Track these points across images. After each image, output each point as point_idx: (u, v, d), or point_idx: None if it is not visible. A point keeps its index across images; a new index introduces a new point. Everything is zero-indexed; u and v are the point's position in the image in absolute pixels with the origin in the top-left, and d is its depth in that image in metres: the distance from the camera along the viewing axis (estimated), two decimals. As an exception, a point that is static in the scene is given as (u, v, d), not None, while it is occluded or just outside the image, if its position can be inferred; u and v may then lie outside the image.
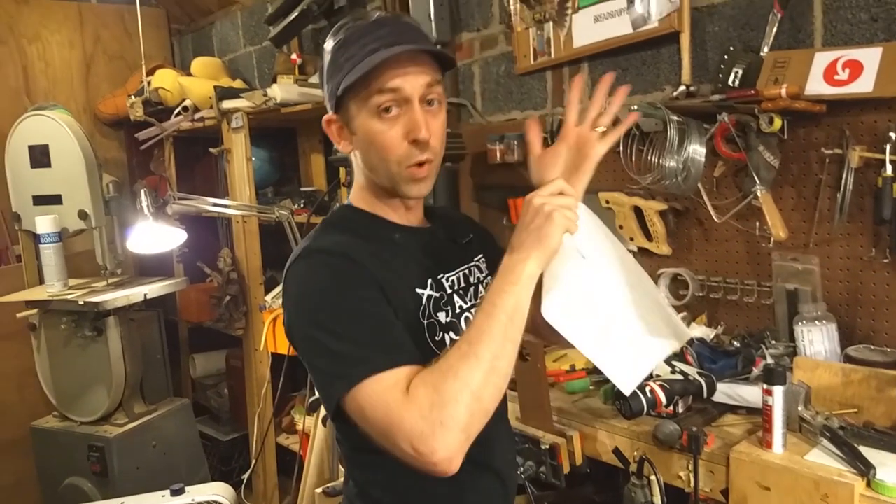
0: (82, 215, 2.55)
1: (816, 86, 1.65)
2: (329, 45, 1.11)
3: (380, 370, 0.93)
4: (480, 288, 1.23)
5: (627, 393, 1.06)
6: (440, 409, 0.89)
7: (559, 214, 0.99)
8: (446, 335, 1.11)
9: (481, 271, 1.26)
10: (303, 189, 3.12)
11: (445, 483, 1.06)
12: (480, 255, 1.27)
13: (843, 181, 1.64)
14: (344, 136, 1.13)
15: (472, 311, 1.18)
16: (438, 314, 1.12)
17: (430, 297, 1.12)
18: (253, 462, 2.79)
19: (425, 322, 1.10)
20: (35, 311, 2.56)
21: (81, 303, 2.39)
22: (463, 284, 1.20)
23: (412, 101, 1.05)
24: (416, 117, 1.05)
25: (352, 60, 1.05)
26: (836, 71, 1.63)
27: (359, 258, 1.04)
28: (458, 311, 1.16)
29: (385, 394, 0.91)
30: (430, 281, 1.13)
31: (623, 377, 1.08)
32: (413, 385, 0.91)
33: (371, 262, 1.04)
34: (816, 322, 1.65)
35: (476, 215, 2.73)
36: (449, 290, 1.16)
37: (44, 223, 2.52)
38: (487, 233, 1.38)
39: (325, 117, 1.15)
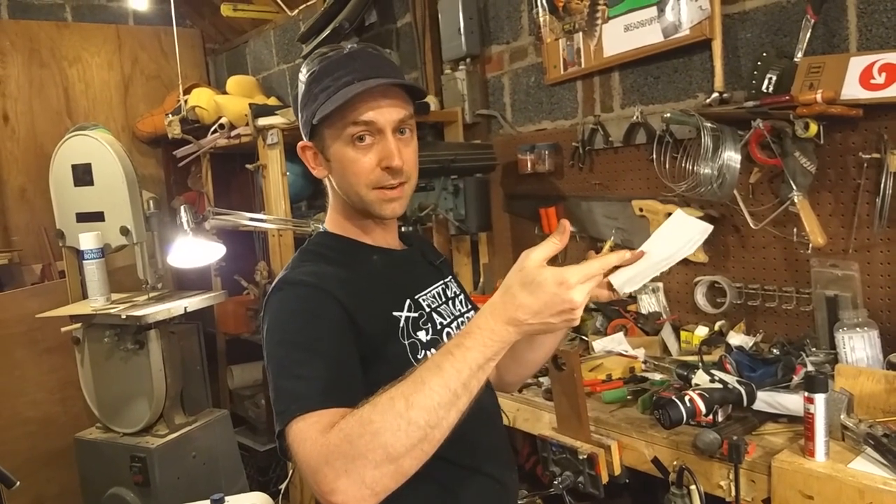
0: (124, 231, 2.61)
1: (852, 90, 1.64)
2: (303, 75, 1.16)
3: (311, 409, 0.92)
4: (457, 302, 1.27)
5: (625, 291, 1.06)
6: (348, 461, 0.85)
7: (576, 319, 0.89)
8: (428, 352, 1.13)
9: (456, 287, 1.30)
10: (335, 202, 3.16)
11: (445, 491, 1.09)
12: (450, 277, 1.32)
13: (882, 186, 1.62)
14: (319, 161, 1.18)
15: (453, 325, 1.21)
16: (418, 333, 1.14)
17: (408, 318, 1.13)
18: (290, 472, 2.82)
19: (406, 343, 1.11)
20: (79, 325, 2.62)
21: (124, 316, 2.44)
22: (443, 299, 1.24)
23: (385, 132, 1.10)
24: (390, 147, 1.10)
25: (326, 92, 1.10)
26: (872, 75, 1.62)
27: (332, 289, 1.06)
28: (438, 327, 1.18)
29: (306, 431, 0.90)
30: (407, 302, 1.16)
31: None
32: (334, 428, 0.88)
33: (344, 293, 1.06)
34: (857, 329, 1.63)
35: (507, 225, 2.74)
36: (427, 309, 1.18)
37: (87, 239, 2.59)
38: (450, 265, 1.41)
39: (300, 144, 1.19)
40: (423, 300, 1.19)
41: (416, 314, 1.15)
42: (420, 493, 1.10)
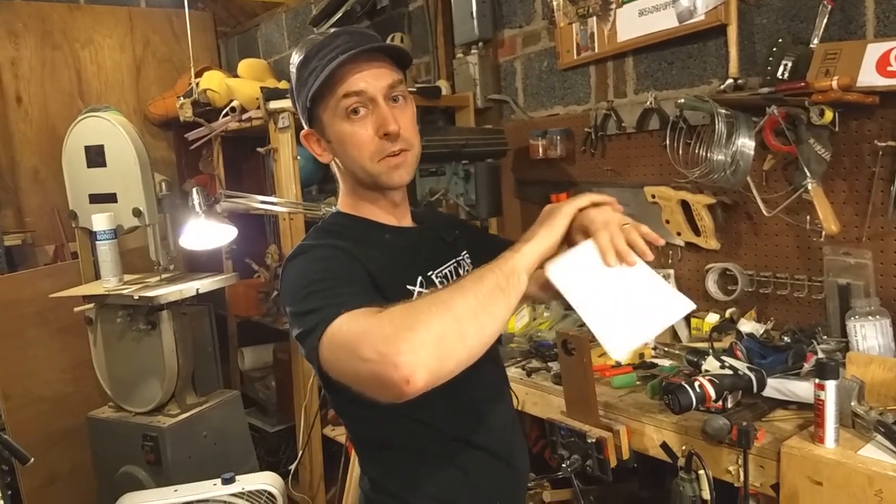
0: (136, 213, 2.62)
1: (869, 77, 1.62)
2: (293, 65, 1.17)
3: (353, 307, 0.93)
4: None
5: (619, 357, 1.06)
6: (411, 317, 0.87)
7: (566, 205, 1.07)
8: None
9: (470, 265, 1.29)
10: (346, 186, 3.16)
11: (456, 470, 1.09)
12: (465, 252, 1.31)
13: (897, 174, 1.61)
14: (322, 146, 1.19)
15: None
16: None
17: (420, 293, 1.14)
18: (300, 453, 2.84)
19: None
20: (92, 305, 2.64)
21: (136, 297, 2.46)
22: (455, 278, 1.24)
23: (377, 100, 1.11)
24: (384, 112, 1.11)
25: (315, 73, 1.11)
26: (889, 62, 1.61)
27: (353, 253, 1.08)
28: None
29: (355, 317, 0.91)
30: (419, 278, 1.16)
31: (614, 341, 1.01)
32: (387, 308, 0.91)
33: (365, 260, 1.09)
34: (870, 317, 1.63)
35: (518, 211, 2.74)
36: (440, 287, 1.19)
37: (100, 221, 2.60)
38: (473, 228, 1.42)
39: (303, 133, 1.20)
40: (435, 278, 1.20)
41: (428, 291, 1.16)
42: (431, 470, 1.12)
